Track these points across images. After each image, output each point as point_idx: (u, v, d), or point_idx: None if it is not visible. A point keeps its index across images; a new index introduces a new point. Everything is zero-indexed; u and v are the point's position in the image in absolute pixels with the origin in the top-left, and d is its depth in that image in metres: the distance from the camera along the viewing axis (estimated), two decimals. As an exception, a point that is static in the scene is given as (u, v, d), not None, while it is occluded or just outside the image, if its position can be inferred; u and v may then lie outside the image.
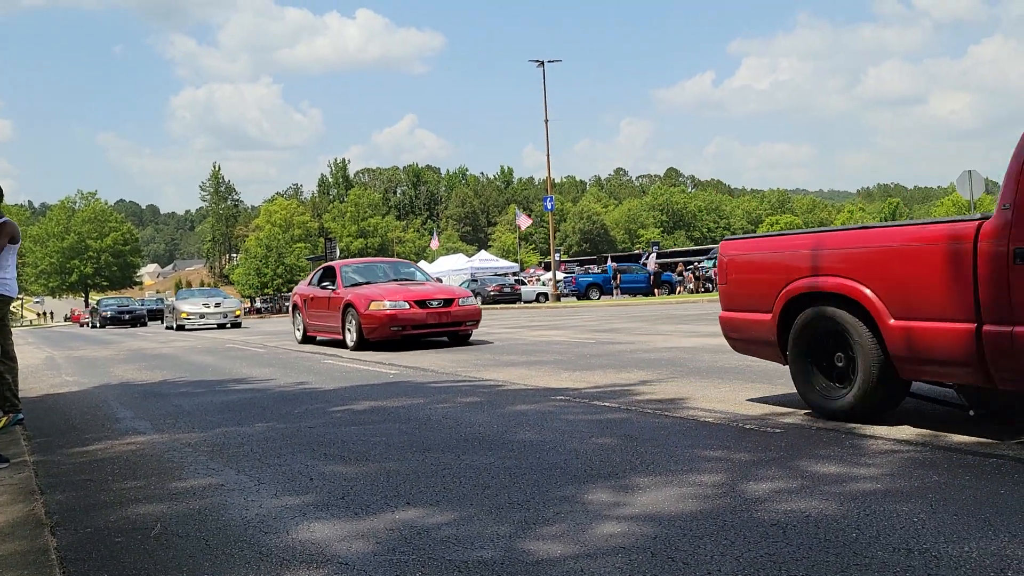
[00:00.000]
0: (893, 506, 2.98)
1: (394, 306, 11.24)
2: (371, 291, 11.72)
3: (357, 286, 12.27)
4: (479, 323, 12.24)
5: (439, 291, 12.02)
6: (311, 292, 13.62)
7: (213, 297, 27.79)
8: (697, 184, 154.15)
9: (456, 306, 11.61)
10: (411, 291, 11.66)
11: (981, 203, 24.83)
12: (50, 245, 78.20)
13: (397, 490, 3.58)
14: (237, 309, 26.95)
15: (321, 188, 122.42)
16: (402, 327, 11.22)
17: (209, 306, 26.08)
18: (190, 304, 26.16)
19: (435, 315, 11.42)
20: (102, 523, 3.34)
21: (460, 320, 11.67)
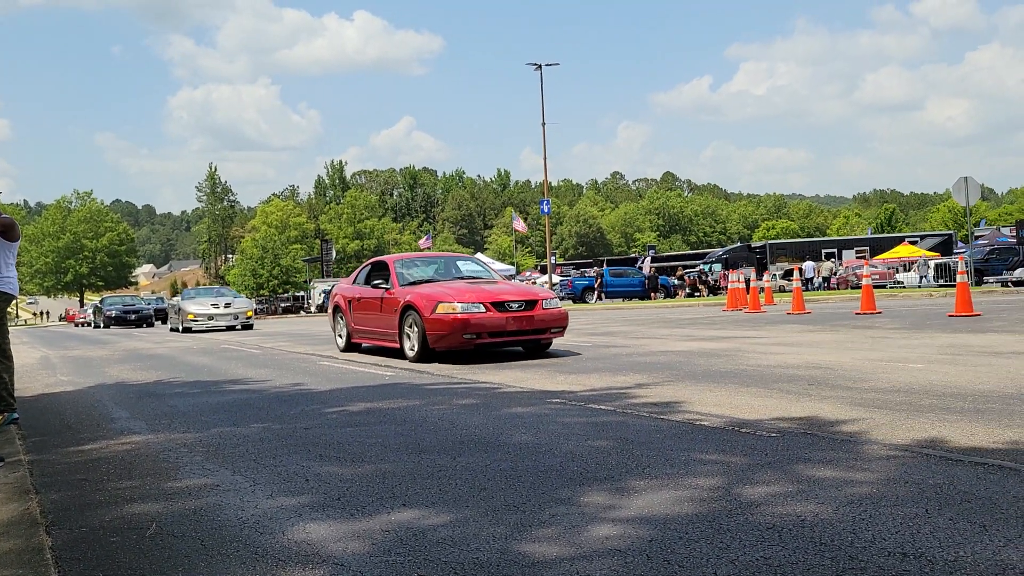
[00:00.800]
0: (889, 510, 2.99)
1: (467, 309, 9.21)
2: (436, 291, 9.76)
3: (417, 285, 10.28)
4: (565, 329, 10.12)
5: (519, 291, 9.93)
6: (357, 292, 11.45)
7: (222, 297, 25.68)
8: (694, 188, 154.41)
9: (540, 309, 9.56)
10: (485, 291, 9.62)
11: (976, 209, 24.97)
12: (45, 244, 78.10)
13: (393, 491, 3.58)
14: (248, 309, 24.79)
15: (318, 189, 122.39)
16: (476, 334, 9.20)
17: (218, 306, 24.09)
18: (197, 304, 24.10)
19: (516, 320, 9.35)
20: (97, 523, 3.33)
21: (544, 326, 9.59)
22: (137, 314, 34.77)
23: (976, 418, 4.67)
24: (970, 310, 13.46)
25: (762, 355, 8.69)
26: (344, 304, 11.85)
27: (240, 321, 24.18)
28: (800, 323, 14.05)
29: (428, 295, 9.61)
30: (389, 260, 11.17)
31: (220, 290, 28.08)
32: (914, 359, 7.71)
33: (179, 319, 24.24)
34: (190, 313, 23.49)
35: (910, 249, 41.58)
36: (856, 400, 5.48)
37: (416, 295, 9.76)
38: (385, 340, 10.56)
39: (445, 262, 11.87)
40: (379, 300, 10.64)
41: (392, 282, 10.54)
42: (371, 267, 11.80)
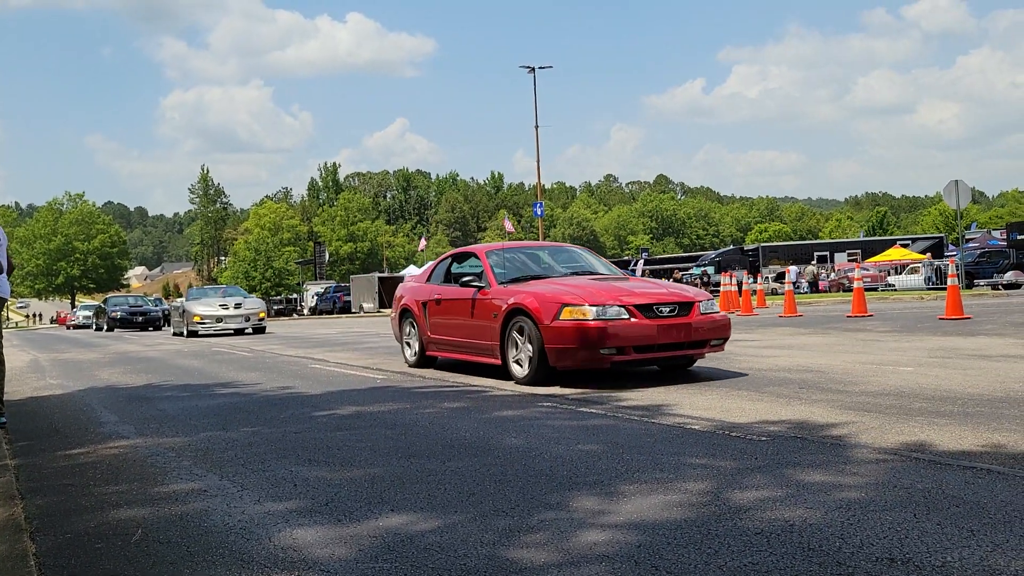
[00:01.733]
0: (877, 515, 2.98)
1: (603, 314, 6.80)
2: (554, 290, 7.32)
3: (522, 282, 7.92)
4: (727, 341, 7.69)
5: (666, 291, 7.50)
6: (436, 292, 9.08)
7: (231, 296, 23.09)
8: (687, 191, 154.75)
9: (697, 314, 7.16)
10: (623, 289, 7.27)
11: (967, 212, 25.11)
12: (37, 247, 77.78)
13: (382, 496, 3.57)
14: (260, 310, 22.36)
15: (311, 192, 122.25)
16: (617, 349, 6.79)
17: (228, 307, 21.64)
18: (204, 305, 21.71)
19: (669, 330, 6.95)
20: (82, 528, 3.31)
21: (704, 337, 7.17)
22: (144, 316, 32.08)
23: (965, 422, 4.67)
24: (960, 313, 13.50)
25: (753, 358, 8.70)
26: (416, 308, 9.36)
27: (252, 324, 21.86)
28: (792, 326, 14.07)
29: (545, 295, 7.21)
30: (479, 251, 8.87)
31: (228, 289, 25.22)
32: (904, 362, 7.72)
33: (183, 322, 22.04)
34: (196, 315, 21.23)
35: (901, 252, 41.76)
36: (846, 403, 5.48)
37: (527, 296, 7.34)
38: (478, 355, 8.16)
39: (551, 252, 9.38)
40: (469, 303, 8.23)
41: (487, 279, 8.16)
42: (452, 260, 9.57)
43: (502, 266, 8.38)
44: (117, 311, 32.22)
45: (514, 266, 8.48)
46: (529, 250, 9.27)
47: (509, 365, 7.52)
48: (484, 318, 7.94)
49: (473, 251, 9.11)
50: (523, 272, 8.34)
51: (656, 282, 8.66)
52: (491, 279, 8.14)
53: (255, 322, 21.95)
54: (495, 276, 8.16)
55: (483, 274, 8.30)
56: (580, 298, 7.00)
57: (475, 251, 9.02)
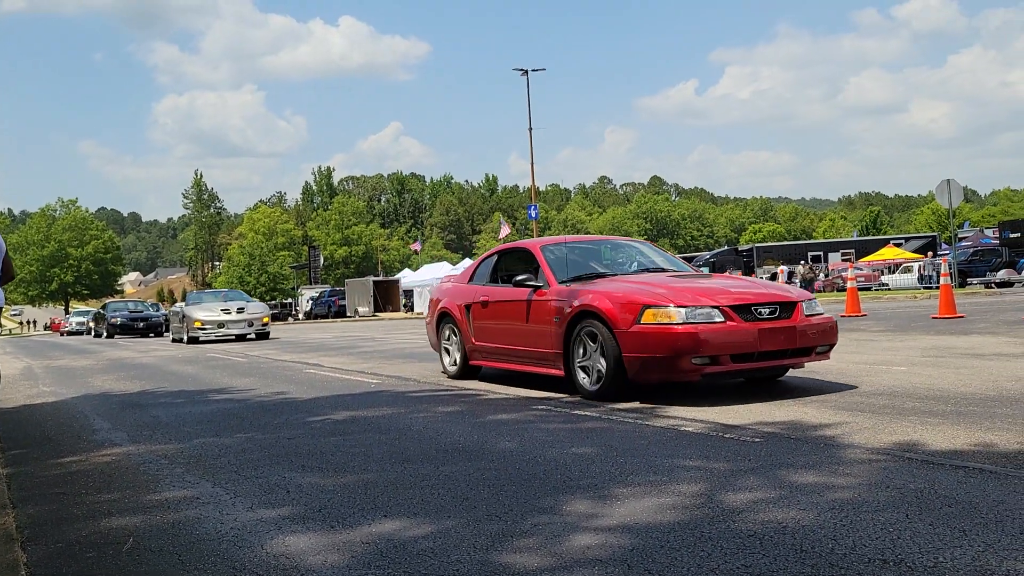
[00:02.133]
0: (869, 516, 2.99)
1: (693, 316, 5.80)
2: (630, 289, 6.31)
3: (586, 281, 6.84)
4: (833, 348, 6.59)
5: (764, 289, 6.49)
6: (482, 293, 7.99)
7: (233, 300, 22.41)
8: (681, 192, 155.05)
9: (800, 316, 6.13)
10: (710, 288, 6.29)
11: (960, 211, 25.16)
12: (30, 253, 77.56)
13: (375, 502, 3.56)
14: (264, 315, 21.57)
15: (305, 196, 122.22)
16: (711, 358, 5.74)
17: (230, 312, 20.88)
18: (205, 310, 20.90)
19: (771, 335, 5.89)
20: (74, 537, 3.29)
21: (810, 343, 6.15)
22: (145, 322, 31.18)
23: (958, 421, 4.68)
24: (954, 312, 13.54)
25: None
26: (458, 311, 8.28)
27: (255, 329, 21.00)
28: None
29: (619, 296, 6.19)
30: (532, 246, 7.76)
31: (230, 293, 24.57)
32: (898, 362, 7.74)
33: (183, 328, 21.21)
34: (197, 320, 20.44)
35: (895, 251, 41.88)
36: (840, 404, 5.49)
37: (597, 296, 6.32)
38: (535, 364, 7.13)
39: (612, 247, 8.33)
40: (523, 305, 7.19)
41: (544, 277, 7.10)
42: (499, 257, 8.39)
43: (561, 263, 7.34)
44: (117, 317, 31.35)
45: (574, 263, 7.42)
46: (588, 244, 8.17)
47: (575, 377, 6.49)
48: (543, 323, 6.91)
49: (525, 247, 7.93)
50: (585, 269, 7.28)
51: (744, 278, 7.66)
52: (549, 278, 7.07)
53: (258, 327, 21.09)
54: (554, 274, 7.09)
55: (539, 272, 7.23)
56: (663, 298, 5.96)
57: (527, 246, 7.85)
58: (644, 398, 6.20)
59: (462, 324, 8.19)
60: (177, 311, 22.59)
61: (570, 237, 8.18)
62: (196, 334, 20.42)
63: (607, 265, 7.69)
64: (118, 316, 31.24)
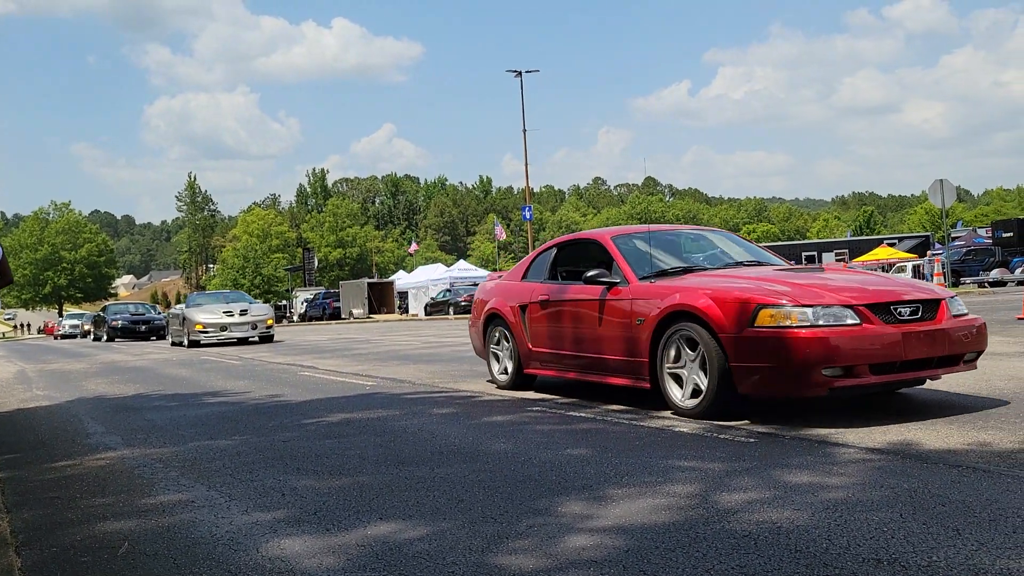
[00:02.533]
0: (863, 515, 3.00)
1: (819, 317, 4.79)
2: (735, 286, 5.26)
3: (672, 277, 5.85)
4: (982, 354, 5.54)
5: (902, 285, 5.42)
6: (541, 291, 6.95)
7: (236, 302, 21.39)
8: (675, 193, 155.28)
9: (946, 317, 5.13)
10: (837, 284, 5.22)
11: (953, 211, 25.30)
12: (23, 256, 77.25)
13: (370, 504, 3.56)
14: (268, 318, 20.69)
15: (299, 198, 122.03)
16: (845, 369, 4.74)
17: (232, 314, 19.91)
18: (207, 313, 19.94)
19: (916, 339, 4.87)
20: (68, 541, 3.29)
21: (958, 351, 5.09)
22: (147, 324, 29.90)
23: (951, 420, 4.70)
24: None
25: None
26: (511, 313, 7.26)
27: (259, 332, 20.06)
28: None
29: (724, 293, 5.12)
30: (602, 237, 6.68)
31: (232, 295, 23.49)
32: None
33: (183, 331, 20.27)
34: (198, 323, 19.54)
35: (889, 251, 42.04)
36: (834, 403, 5.50)
37: (694, 294, 5.27)
38: (611, 374, 6.08)
39: (693, 238, 7.23)
40: (595, 304, 6.13)
41: (621, 272, 6.05)
42: (559, 250, 7.32)
43: (639, 256, 6.27)
44: (118, 320, 30.01)
45: (661, 257, 6.31)
46: (666, 235, 6.95)
47: (666, 390, 5.46)
48: (621, 326, 5.87)
49: (593, 237, 6.91)
50: (669, 263, 6.23)
51: (865, 271, 6.44)
52: (628, 273, 6.01)
53: (262, 330, 20.11)
54: (632, 269, 6.04)
55: (614, 266, 6.19)
56: (782, 296, 4.92)
57: (596, 237, 6.81)
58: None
59: (516, 327, 7.21)
60: (177, 313, 21.68)
61: (640, 227, 7.06)
62: (197, 337, 19.60)
63: (691, 258, 6.60)
64: (119, 319, 30.06)
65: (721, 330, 4.99)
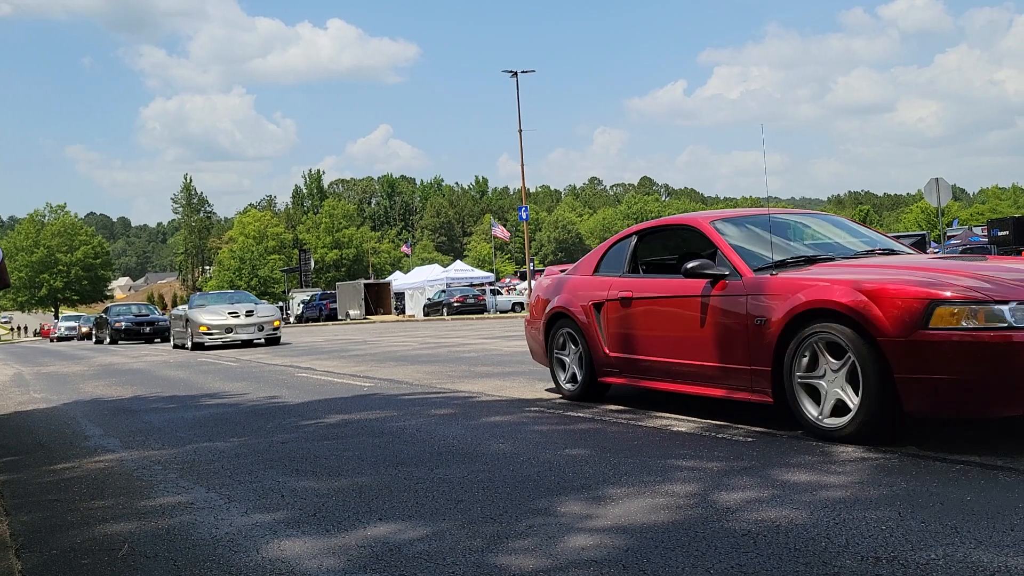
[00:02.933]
0: (862, 514, 3.01)
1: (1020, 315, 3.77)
2: (895, 277, 4.29)
3: (794, 268, 4.91)
4: None
5: None
6: (622, 286, 5.98)
7: (241, 303, 20.49)
8: (671, 193, 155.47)
9: None
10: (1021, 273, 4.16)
11: (949, 210, 25.36)
12: (19, 259, 77.05)
13: (370, 505, 3.56)
14: (275, 319, 19.75)
15: (295, 199, 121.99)
16: None
17: (238, 315, 18.99)
18: (211, 314, 18.96)
19: None
20: (68, 544, 3.29)
21: None
22: (152, 326, 28.65)
23: (949, 419, 4.71)
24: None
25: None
26: (583, 312, 6.31)
27: (265, 333, 19.11)
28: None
29: (881, 285, 4.16)
30: (700, 222, 5.69)
31: (237, 295, 22.61)
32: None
33: (186, 333, 19.36)
34: (202, 325, 18.59)
35: (885, 250, 42.03)
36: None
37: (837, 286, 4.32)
38: (715, 384, 5.17)
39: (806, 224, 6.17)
40: (696, 302, 5.21)
41: (730, 263, 5.11)
42: (641, 239, 6.32)
43: (749, 244, 5.33)
44: (122, 321, 28.82)
45: (765, 243, 5.26)
46: (779, 218, 5.80)
47: (797, 406, 4.50)
48: (732, 328, 4.93)
49: (687, 222, 5.96)
50: (787, 252, 5.28)
51: None
52: (738, 264, 5.06)
53: (269, 332, 19.16)
54: (743, 259, 5.10)
55: (719, 256, 5.24)
56: (966, 289, 3.94)
57: (691, 222, 5.86)
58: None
59: (589, 329, 6.21)
60: (180, 315, 20.62)
61: (747, 211, 6.02)
62: (201, 339, 18.69)
63: (812, 246, 5.63)
64: (122, 320, 28.87)
65: (880, 333, 4.02)
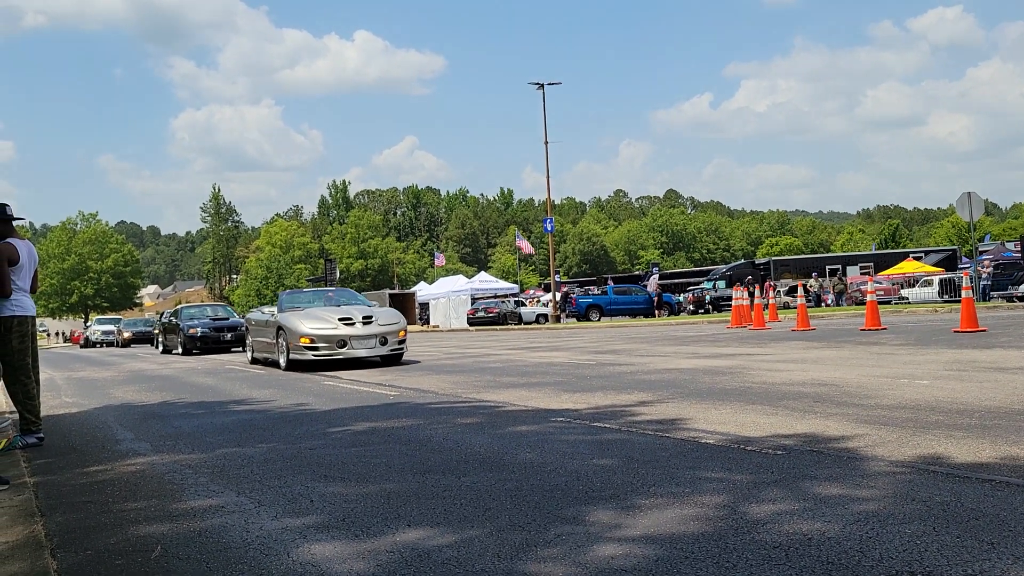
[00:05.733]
0: (895, 528, 2.97)
1: None
2: None
3: None
4: None
5: None
6: None
7: (351, 304, 14.55)
8: (696, 205, 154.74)
9: None
10: None
11: (980, 224, 25.00)
12: (51, 266, 78.36)
13: (398, 512, 3.58)
14: (400, 328, 13.34)
15: (321, 210, 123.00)
16: None
17: (353, 322, 12.99)
18: (316, 321, 13.03)
19: None
20: (102, 545, 3.33)
21: None
22: (233, 331, 23.14)
23: (983, 435, 4.65)
24: (975, 326, 13.42)
25: (766, 372, 8.67)
26: None
27: (389, 348, 12.98)
28: (805, 340, 14.02)
29: None
30: None
31: (338, 293, 15.95)
32: (920, 375, 7.68)
33: (276, 345, 13.71)
34: (304, 336, 12.73)
35: (914, 265, 41.56)
36: (861, 417, 5.46)
37: None
38: None
39: None
40: None
41: None
42: None
43: None
44: (197, 327, 22.98)
45: None
46: None
47: None
48: None
49: None
50: None
51: None
52: None
53: (394, 346, 13.03)
54: None
55: None
56: None
57: None
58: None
59: None
60: (264, 320, 14.85)
61: None
62: (301, 355, 12.83)
63: None
64: (198, 325, 23.05)
65: None
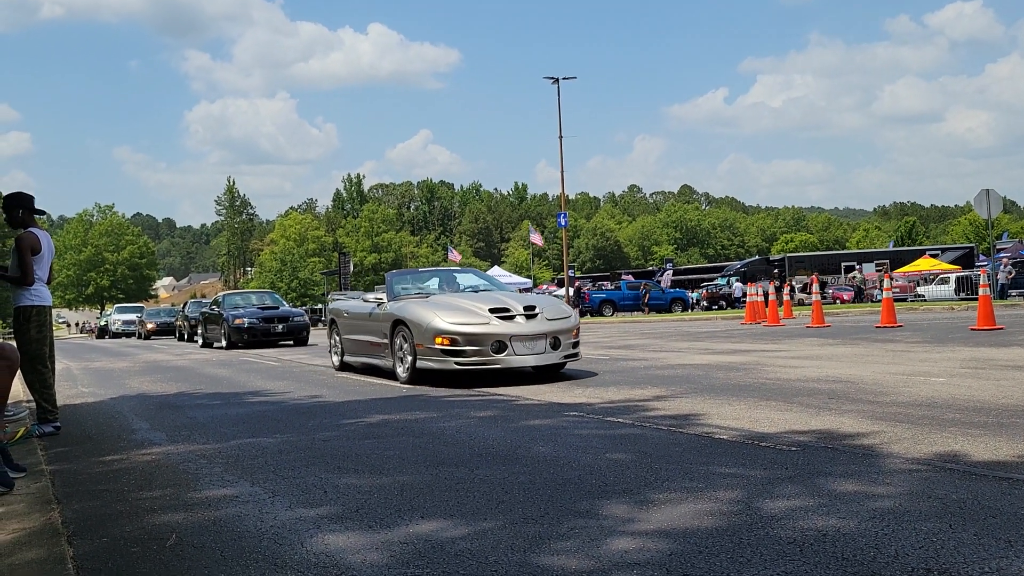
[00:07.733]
0: (912, 525, 2.95)
1: None
2: None
3: None
4: None
5: None
6: None
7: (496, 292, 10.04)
8: (711, 201, 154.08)
9: None
10: None
11: (998, 222, 24.78)
12: (67, 257, 78.98)
13: (412, 504, 3.58)
14: (574, 325, 8.99)
15: (336, 203, 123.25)
16: None
17: (512, 315, 8.67)
18: (454, 313, 8.63)
19: None
20: (118, 533, 3.36)
21: None
22: (284, 322, 20.24)
23: (1000, 432, 4.61)
24: (993, 324, 13.31)
25: (781, 368, 8.63)
26: None
27: (563, 353, 8.71)
28: (819, 336, 13.94)
29: None
30: None
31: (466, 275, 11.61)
32: (936, 373, 7.63)
33: (394, 346, 9.31)
34: (442, 335, 8.45)
35: (931, 262, 41.25)
36: (877, 414, 5.43)
37: None
38: None
39: None
40: None
41: None
42: None
43: None
44: (243, 318, 19.89)
45: None
46: None
47: None
48: None
49: None
50: None
51: None
52: None
53: (567, 350, 8.81)
54: None
55: None
56: None
57: None
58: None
59: None
60: (367, 311, 10.26)
61: None
62: (437, 361, 8.61)
63: None
64: (244, 316, 19.97)
65: None
